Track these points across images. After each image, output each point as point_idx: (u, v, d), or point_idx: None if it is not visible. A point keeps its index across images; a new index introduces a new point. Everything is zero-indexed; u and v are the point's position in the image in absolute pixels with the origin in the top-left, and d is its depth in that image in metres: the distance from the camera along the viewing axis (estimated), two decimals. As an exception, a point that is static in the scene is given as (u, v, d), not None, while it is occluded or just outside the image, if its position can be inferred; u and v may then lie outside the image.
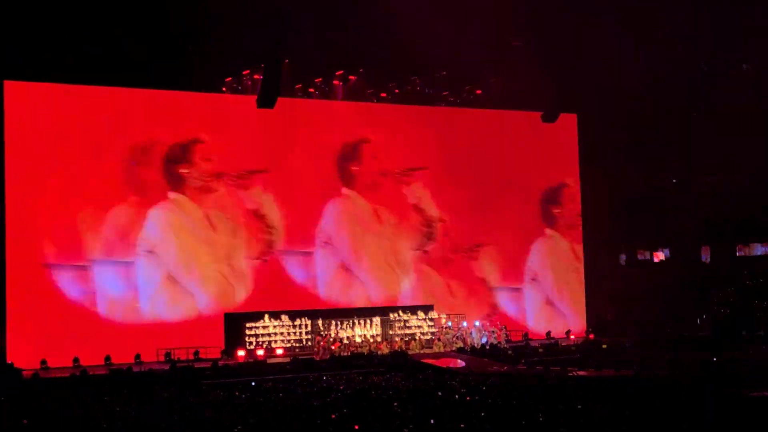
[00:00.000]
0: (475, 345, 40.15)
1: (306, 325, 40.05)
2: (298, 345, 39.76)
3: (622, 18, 38.94)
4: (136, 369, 34.52)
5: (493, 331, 41.14)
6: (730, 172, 47.70)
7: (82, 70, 37.38)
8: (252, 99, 40.59)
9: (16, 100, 37.48)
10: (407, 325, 41.41)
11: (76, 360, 35.93)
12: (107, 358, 36.65)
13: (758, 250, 49.96)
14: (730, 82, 45.39)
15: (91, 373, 33.67)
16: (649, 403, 21.36)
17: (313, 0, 34.53)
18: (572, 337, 44.65)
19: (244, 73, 40.70)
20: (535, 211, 47.85)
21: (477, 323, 41.91)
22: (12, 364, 34.57)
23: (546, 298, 47.16)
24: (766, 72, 44.03)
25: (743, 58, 45.43)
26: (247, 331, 39.27)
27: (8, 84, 37.33)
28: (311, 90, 42.94)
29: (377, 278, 43.94)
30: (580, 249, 48.71)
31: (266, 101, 40.17)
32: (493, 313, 44.86)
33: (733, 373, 29.10)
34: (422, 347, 40.33)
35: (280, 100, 40.35)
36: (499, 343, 40.33)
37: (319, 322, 40.02)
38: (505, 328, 41.97)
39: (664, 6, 38.65)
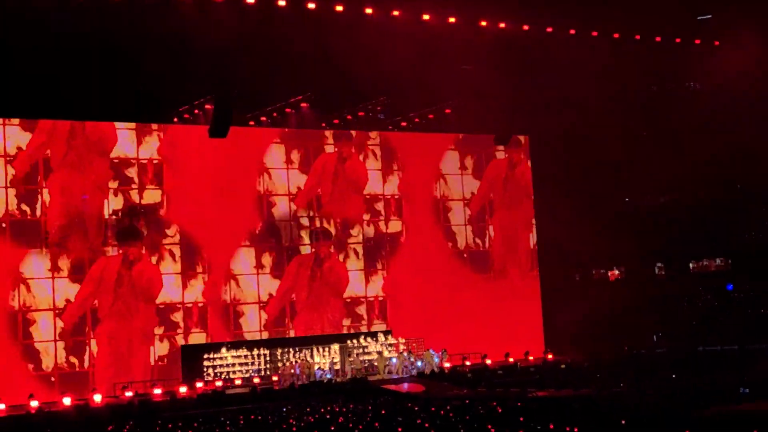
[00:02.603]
0: (435, 369, 40.14)
1: (264, 355, 39.88)
2: (256, 375, 39.52)
3: (572, 40, 39.29)
4: (93, 405, 34.18)
5: (431, 355, 40.99)
6: (681, 190, 48.21)
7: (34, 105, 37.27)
8: (204, 129, 40.43)
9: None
10: (366, 351, 41.28)
11: (31, 396, 35.40)
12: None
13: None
14: (680, 101, 45.93)
15: (46, 410, 33.35)
16: (609, 422, 21.42)
17: (262, 30, 34.40)
18: (530, 358, 44.80)
19: (195, 103, 40.54)
20: (491, 232, 48.21)
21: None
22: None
23: (503, 319, 47.22)
24: (714, 90, 44.60)
25: (691, 77, 46.00)
26: (205, 362, 39.01)
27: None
28: (263, 119, 42.88)
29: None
30: (535, 269, 49.04)
31: (218, 131, 39.94)
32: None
33: (691, 389, 29.27)
34: (385, 373, 40.13)
35: (232, 129, 40.22)
36: (441, 368, 40.38)
37: (278, 351, 39.85)
38: (445, 351, 41.82)
39: (614, 27, 39.16)
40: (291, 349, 39.89)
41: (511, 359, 44.06)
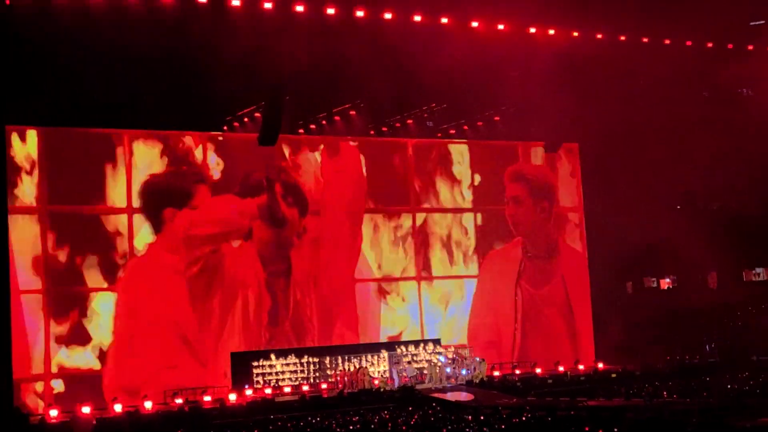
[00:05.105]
0: (484, 378, 39.94)
1: (314, 363, 39.87)
2: (306, 383, 39.52)
3: (623, 46, 39.09)
4: (144, 411, 34.41)
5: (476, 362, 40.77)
6: (734, 197, 47.60)
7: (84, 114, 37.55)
8: (253, 137, 40.56)
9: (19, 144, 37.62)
10: (416, 359, 41.13)
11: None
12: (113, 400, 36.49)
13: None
14: (732, 108, 45.38)
15: (98, 416, 33.59)
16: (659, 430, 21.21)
17: (311, 36, 34.51)
18: (581, 366, 44.44)
19: (244, 111, 40.72)
20: (542, 240, 47.97)
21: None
22: (19, 409, 34.36)
23: (553, 328, 46.95)
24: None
25: (744, 83, 45.45)
26: (255, 370, 39.10)
27: (10, 129, 37.39)
28: (312, 126, 43.00)
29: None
30: (586, 277, 48.65)
31: (268, 139, 40.04)
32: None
33: (744, 399, 28.92)
34: (434, 381, 39.85)
35: (281, 137, 40.32)
36: (483, 377, 40.07)
37: (327, 359, 39.85)
38: (483, 361, 41.47)
39: (665, 33, 38.90)
40: (340, 357, 39.88)
41: (561, 368, 43.74)
